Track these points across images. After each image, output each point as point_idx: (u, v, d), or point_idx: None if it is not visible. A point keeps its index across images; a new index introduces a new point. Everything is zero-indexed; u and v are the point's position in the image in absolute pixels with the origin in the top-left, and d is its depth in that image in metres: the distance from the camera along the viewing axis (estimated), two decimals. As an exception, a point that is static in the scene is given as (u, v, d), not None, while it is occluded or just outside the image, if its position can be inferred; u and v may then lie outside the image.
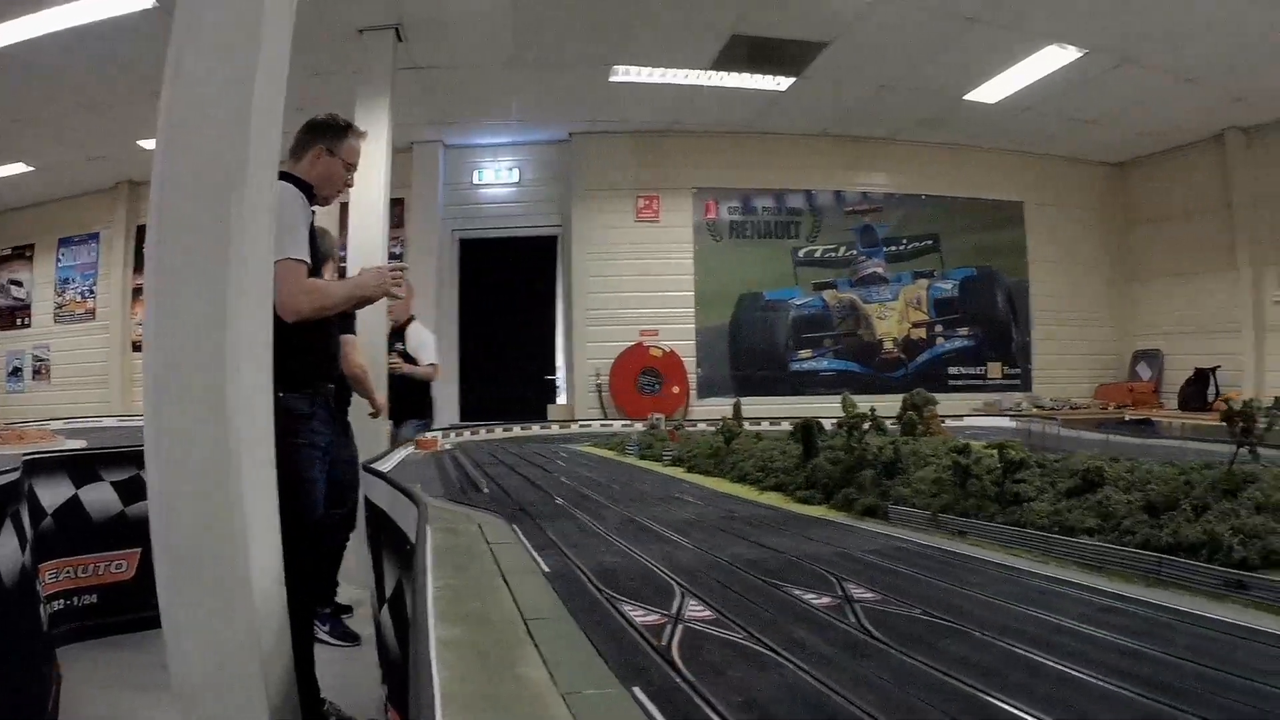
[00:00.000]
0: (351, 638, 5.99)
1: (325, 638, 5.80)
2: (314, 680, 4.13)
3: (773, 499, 5.36)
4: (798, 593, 2.90)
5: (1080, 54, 9.69)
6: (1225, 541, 3.02)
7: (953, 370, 13.85)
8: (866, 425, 5.33)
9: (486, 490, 5.66)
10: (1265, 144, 12.38)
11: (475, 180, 13.40)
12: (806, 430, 5.71)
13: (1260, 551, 2.96)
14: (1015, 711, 1.84)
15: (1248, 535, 3.02)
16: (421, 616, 2.20)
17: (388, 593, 3.61)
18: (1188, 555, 3.09)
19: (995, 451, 4.17)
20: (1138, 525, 3.35)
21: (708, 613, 2.65)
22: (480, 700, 1.85)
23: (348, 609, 6.37)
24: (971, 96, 11.24)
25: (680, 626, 2.51)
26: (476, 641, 2.24)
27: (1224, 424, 3.71)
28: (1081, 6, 8.61)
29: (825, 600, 2.80)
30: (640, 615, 2.62)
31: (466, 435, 10.05)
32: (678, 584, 3.01)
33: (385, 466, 5.86)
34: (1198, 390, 12.62)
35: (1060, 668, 2.12)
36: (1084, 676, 2.06)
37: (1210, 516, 3.21)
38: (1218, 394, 12.49)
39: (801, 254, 13.43)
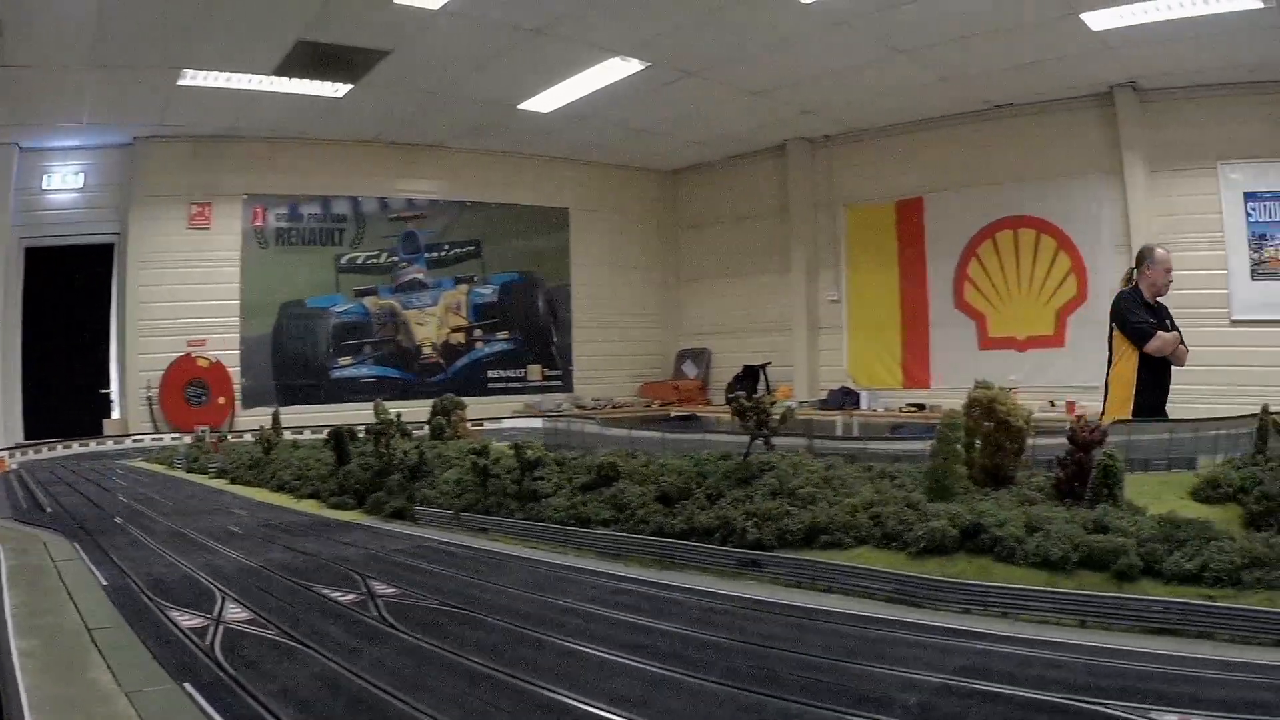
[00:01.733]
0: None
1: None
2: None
3: (309, 506, 5.75)
4: (325, 591, 3.29)
5: (643, 66, 10.31)
6: (738, 525, 3.48)
7: (493, 374, 14.28)
8: (394, 432, 5.65)
9: (49, 510, 5.78)
10: (829, 152, 13.81)
11: (44, 185, 12.52)
12: (338, 438, 6.02)
13: (774, 532, 3.48)
14: (516, 681, 2.25)
15: (762, 518, 3.51)
16: (1, 631, 2.59)
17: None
18: (701, 539, 3.54)
19: (513, 451, 4.56)
20: (651, 514, 3.80)
21: (245, 614, 3.03)
22: (61, 703, 2.18)
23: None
24: (526, 106, 11.67)
25: (221, 628, 2.87)
26: (51, 651, 2.59)
27: (736, 418, 4.22)
28: (650, 23, 9.18)
29: (350, 597, 3.20)
30: (187, 620, 2.96)
31: (30, 454, 9.98)
32: (219, 589, 3.36)
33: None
34: (748, 386, 13.64)
35: (565, 643, 2.52)
36: (588, 650, 2.48)
37: (724, 503, 3.68)
38: (769, 389, 13.75)
39: (345, 260, 13.43)
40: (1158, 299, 7.60)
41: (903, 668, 2.38)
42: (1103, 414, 7.42)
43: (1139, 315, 7.43)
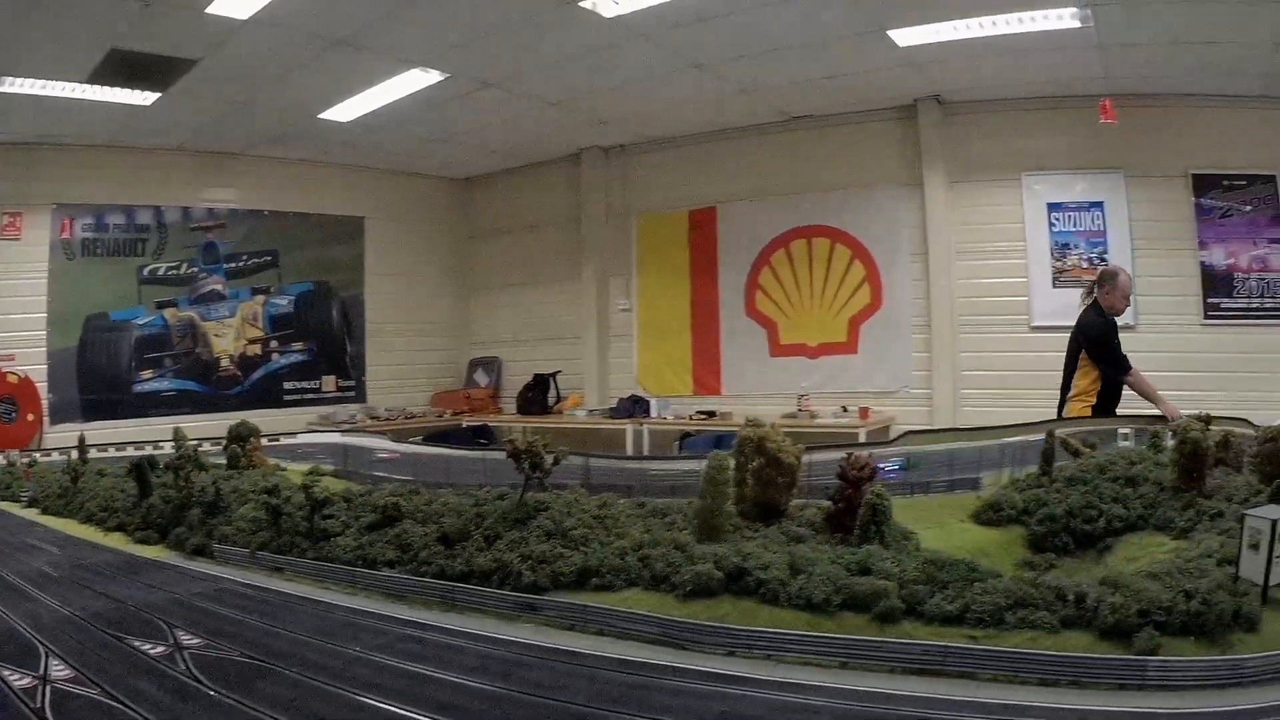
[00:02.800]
0: None
1: None
2: None
3: (116, 540, 5.75)
4: (138, 644, 3.37)
5: (442, 78, 10.59)
6: (515, 568, 3.70)
7: (289, 385, 14.33)
8: (189, 466, 5.74)
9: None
10: (624, 162, 14.29)
11: None
12: (139, 470, 6.06)
13: (549, 575, 3.62)
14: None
15: (536, 561, 3.69)
16: None
17: None
18: (480, 582, 3.78)
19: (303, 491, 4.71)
20: (433, 556, 3.95)
21: (69, 671, 3.07)
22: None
23: None
24: (327, 115, 11.82)
25: (49, 687, 2.92)
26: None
27: (511, 460, 4.40)
28: (450, 35, 9.43)
29: (160, 649, 3.29)
30: (18, 679, 3.00)
31: None
32: (42, 644, 3.38)
33: None
34: (538, 394, 14.23)
35: (355, 697, 2.73)
36: (376, 703, 2.69)
37: (501, 545, 3.92)
38: (559, 397, 14.25)
39: (146, 272, 13.24)
40: None
41: (667, 716, 2.59)
42: None
43: (1118, 342, 8.03)
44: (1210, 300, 11.15)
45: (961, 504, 4.50)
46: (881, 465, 4.79)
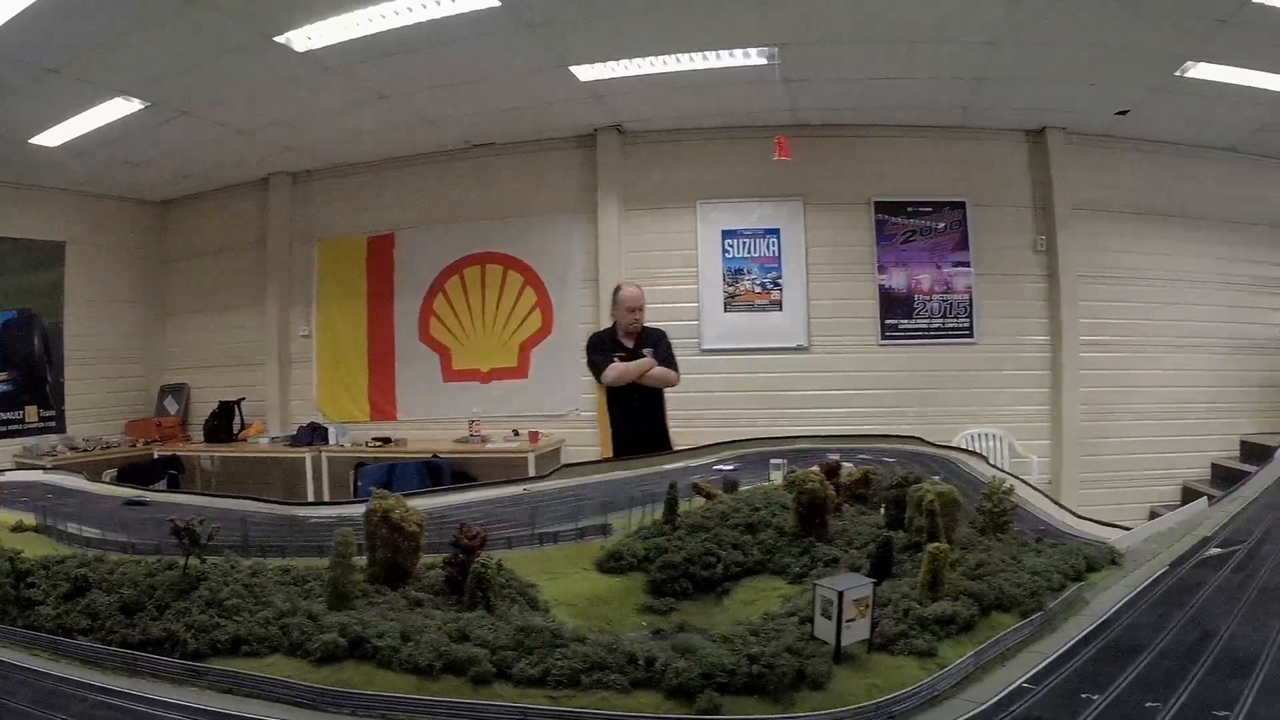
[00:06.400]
0: None
1: None
2: None
3: None
4: None
5: (144, 105, 10.52)
6: (181, 636, 3.84)
7: (-9, 417, 13.82)
8: None
9: None
10: (309, 188, 14.29)
11: None
12: None
13: (209, 643, 3.79)
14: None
15: (198, 629, 3.87)
16: None
17: None
18: (155, 649, 3.89)
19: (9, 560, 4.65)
20: (117, 625, 4.01)
21: None
22: None
23: None
24: (36, 140, 11.53)
25: None
26: None
27: (173, 538, 4.49)
28: (154, 65, 9.45)
29: None
30: None
31: None
32: None
33: None
34: (223, 423, 14.02)
35: None
36: None
37: (170, 614, 4.03)
38: (244, 425, 14.12)
39: None
40: (637, 331, 8.54)
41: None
42: None
43: (597, 351, 8.39)
44: (888, 321, 12.10)
45: (588, 553, 4.70)
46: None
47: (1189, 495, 10.12)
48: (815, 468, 4.74)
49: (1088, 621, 3.33)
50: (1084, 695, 2.68)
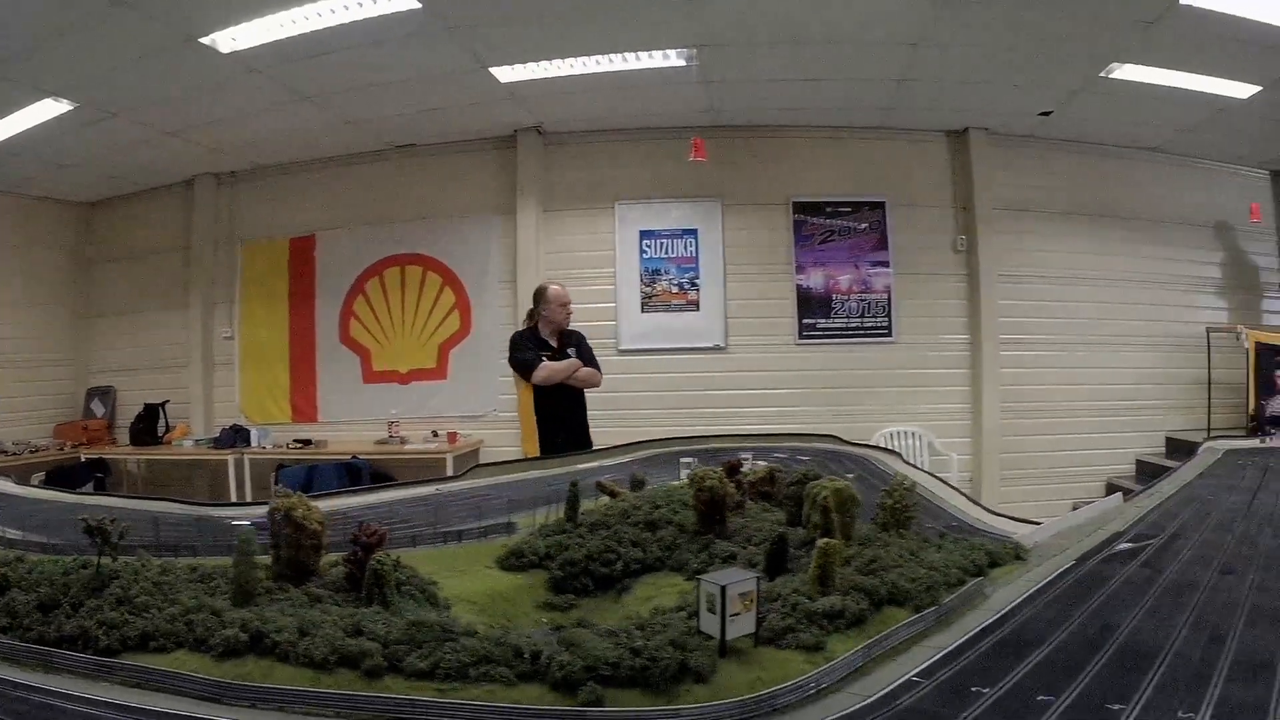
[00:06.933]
0: None
1: None
2: None
3: None
4: None
5: (72, 107, 10.46)
6: (93, 633, 3.88)
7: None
8: None
9: None
10: (233, 189, 14.22)
11: None
12: None
13: (120, 639, 3.80)
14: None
15: (110, 626, 3.90)
16: None
17: None
18: (69, 646, 3.91)
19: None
20: (34, 623, 4.03)
21: None
22: None
23: None
24: None
25: None
26: None
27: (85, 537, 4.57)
28: (82, 68, 9.41)
29: None
30: None
31: None
32: None
33: None
34: (149, 425, 13.92)
35: None
36: None
37: (84, 612, 4.05)
38: (169, 427, 14.03)
39: None
40: (562, 330, 8.59)
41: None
42: None
43: (524, 350, 8.34)
44: (806, 321, 12.26)
45: (491, 551, 4.74)
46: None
47: (1112, 491, 10.31)
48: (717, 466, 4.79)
49: (985, 616, 3.36)
50: (974, 689, 2.70)
